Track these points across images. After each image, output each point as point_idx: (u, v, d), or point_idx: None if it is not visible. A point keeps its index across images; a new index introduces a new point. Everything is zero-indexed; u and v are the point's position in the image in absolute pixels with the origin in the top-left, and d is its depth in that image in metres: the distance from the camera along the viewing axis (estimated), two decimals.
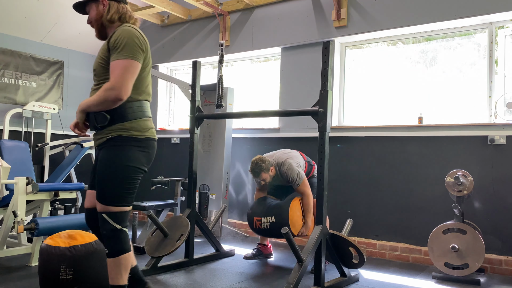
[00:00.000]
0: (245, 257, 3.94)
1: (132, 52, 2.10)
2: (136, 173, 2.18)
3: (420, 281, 3.41)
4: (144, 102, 2.25)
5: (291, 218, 3.58)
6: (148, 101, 2.30)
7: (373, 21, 4.37)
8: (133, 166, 2.16)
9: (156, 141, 2.32)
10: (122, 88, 2.05)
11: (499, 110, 3.80)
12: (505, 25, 3.95)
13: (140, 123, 2.20)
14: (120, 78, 2.05)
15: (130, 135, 2.16)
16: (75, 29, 5.78)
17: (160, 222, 3.50)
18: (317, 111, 2.98)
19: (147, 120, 2.25)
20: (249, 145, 5.20)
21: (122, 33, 2.13)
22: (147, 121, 2.24)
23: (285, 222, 3.56)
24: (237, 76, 5.68)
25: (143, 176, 2.26)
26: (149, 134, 2.23)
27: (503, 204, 3.70)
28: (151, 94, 2.34)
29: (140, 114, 2.21)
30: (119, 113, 2.15)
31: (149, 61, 2.25)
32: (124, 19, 2.26)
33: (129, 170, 2.15)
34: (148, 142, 2.23)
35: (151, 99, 2.40)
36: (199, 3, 5.09)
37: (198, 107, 3.73)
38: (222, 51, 3.79)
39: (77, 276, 2.60)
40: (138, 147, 2.18)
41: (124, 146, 2.15)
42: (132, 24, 2.27)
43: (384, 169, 4.28)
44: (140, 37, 2.16)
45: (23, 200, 3.40)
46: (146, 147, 2.22)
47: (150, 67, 2.30)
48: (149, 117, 2.27)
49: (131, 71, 2.09)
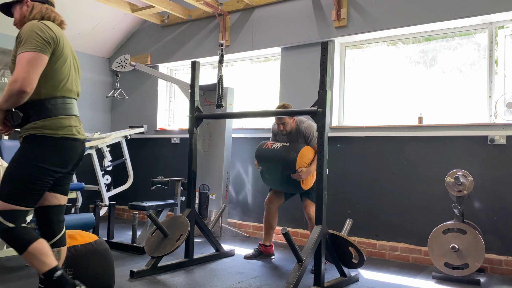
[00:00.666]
0: (246, 257, 3.94)
1: (35, 44, 2.04)
2: (43, 173, 2.08)
3: (420, 281, 3.41)
4: (63, 99, 2.17)
5: (302, 152, 3.60)
6: (70, 98, 2.21)
7: (373, 21, 4.36)
8: (41, 166, 2.07)
9: (79, 141, 2.22)
10: (24, 80, 1.98)
11: (499, 110, 3.80)
12: (505, 25, 3.95)
13: (55, 121, 2.12)
14: (22, 70, 1.99)
15: (41, 133, 2.08)
16: (75, 29, 5.77)
17: (160, 222, 3.50)
18: (316, 111, 2.99)
19: (66, 118, 2.15)
20: (249, 145, 5.20)
21: (25, 28, 2.10)
22: (64, 119, 2.15)
23: (297, 149, 3.61)
24: (237, 76, 5.68)
25: (62, 178, 2.18)
26: (65, 133, 2.14)
27: (503, 204, 3.70)
28: (74, 90, 2.26)
29: (55, 112, 2.12)
30: (32, 111, 2.09)
31: (62, 53, 2.16)
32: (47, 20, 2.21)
33: (35, 170, 2.06)
34: (63, 142, 2.14)
35: (77, 97, 2.30)
36: (199, 3, 5.09)
37: (197, 107, 3.73)
38: (222, 51, 3.80)
39: (77, 276, 2.60)
40: (51, 146, 2.10)
41: (34, 145, 2.09)
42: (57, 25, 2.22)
43: (384, 169, 4.28)
44: (45, 30, 2.10)
45: None
46: (60, 146, 2.13)
47: (68, 61, 2.21)
48: (68, 115, 2.17)
49: (33, 63, 2.02)
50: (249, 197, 5.17)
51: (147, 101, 6.25)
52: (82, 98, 6.19)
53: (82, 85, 6.32)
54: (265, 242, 3.98)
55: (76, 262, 2.63)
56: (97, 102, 6.48)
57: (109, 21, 5.96)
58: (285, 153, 3.64)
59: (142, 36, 6.28)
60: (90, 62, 6.36)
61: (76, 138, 2.20)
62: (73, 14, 5.53)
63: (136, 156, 6.13)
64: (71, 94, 2.24)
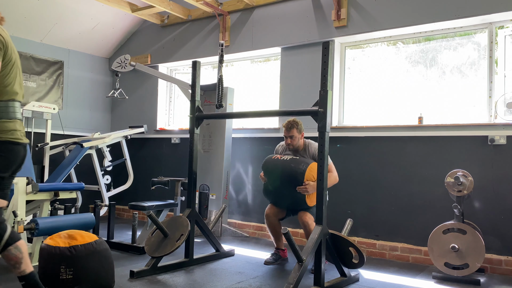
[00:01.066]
0: (266, 263, 3.81)
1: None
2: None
3: (420, 281, 3.41)
4: (10, 102, 2.15)
5: (311, 166, 3.54)
6: (16, 101, 2.19)
7: (373, 21, 4.37)
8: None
9: (22, 145, 2.19)
10: None
11: (499, 110, 3.80)
12: (505, 25, 3.95)
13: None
14: None
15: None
16: (75, 29, 5.78)
17: (160, 222, 3.50)
18: (316, 111, 2.99)
19: (10, 121, 2.13)
20: (249, 145, 5.20)
21: None
22: (9, 123, 2.13)
23: (307, 162, 3.57)
24: (237, 76, 5.68)
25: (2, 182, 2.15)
26: (8, 137, 2.11)
27: (503, 204, 3.70)
28: (20, 93, 2.24)
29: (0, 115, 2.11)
30: None
31: (11, 58, 2.15)
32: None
33: None
34: (6, 146, 2.11)
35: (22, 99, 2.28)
36: (199, 3, 5.09)
37: (198, 107, 3.73)
38: (222, 51, 3.79)
39: (77, 276, 2.60)
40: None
41: None
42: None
43: (384, 169, 4.28)
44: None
45: (23, 200, 3.40)
46: (4, 150, 2.10)
47: (16, 66, 2.20)
48: (13, 119, 2.15)
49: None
50: (249, 197, 5.17)
51: (147, 101, 6.26)
52: (82, 98, 6.24)
53: (83, 85, 6.35)
54: (280, 246, 3.92)
55: (76, 262, 2.63)
56: (97, 102, 6.47)
57: (109, 21, 5.96)
58: (295, 164, 3.58)
59: (142, 36, 6.28)
60: (90, 62, 6.36)
61: (19, 142, 2.18)
62: (73, 14, 5.53)
63: (136, 156, 6.13)
64: (18, 97, 2.21)
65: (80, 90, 6.23)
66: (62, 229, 3.03)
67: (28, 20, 5.34)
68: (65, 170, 4.87)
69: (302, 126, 3.79)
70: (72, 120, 6.07)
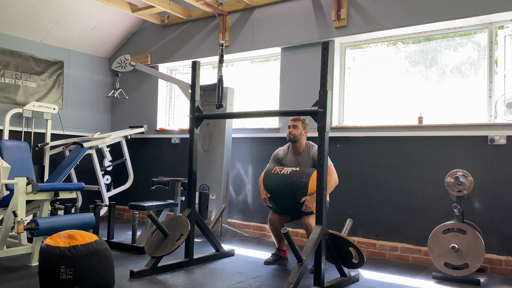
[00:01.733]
0: (266, 263, 3.81)
1: None
2: None
3: (420, 281, 3.41)
4: None
5: (314, 176, 3.50)
6: None
7: (373, 21, 4.37)
8: None
9: None
10: None
11: (499, 110, 3.80)
12: (505, 25, 3.95)
13: None
14: None
15: None
16: (75, 29, 5.78)
17: (160, 222, 3.50)
18: (316, 111, 2.99)
19: None
20: (249, 145, 5.20)
21: None
22: None
23: (308, 173, 3.53)
24: (237, 76, 5.68)
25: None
26: None
27: (503, 204, 3.70)
28: None
29: None
30: None
31: None
32: None
33: None
34: None
35: None
36: (199, 3, 5.09)
37: (197, 107, 3.73)
38: (222, 51, 3.79)
39: (77, 276, 2.60)
40: None
41: None
42: None
43: (384, 169, 4.28)
44: None
45: (23, 200, 3.40)
46: None
47: None
48: None
49: None
50: (249, 197, 5.17)
51: (147, 101, 6.26)
52: (82, 98, 6.24)
53: (83, 85, 6.35)
54: (281, 247, 3.93)
55: (76, 262, 2.63)
56: (97, 102, 6.47)
57: (109, 21, 5.96)
58: (296, 177, 3.55)
59: (142, 36, 6.28)
60: (90, 62, 6.36)
61: None
62: (73, 14, 5.53)
63: (136, 156, 6.13)
64: None
65: (80, 90, 6.23)
66: (62, 229, 3.03)
67: (28, 20, 5.34)
68: (65, 170, 4.87)
69: (307, 124, 3.84)
70: (72, 120, 6.07)
